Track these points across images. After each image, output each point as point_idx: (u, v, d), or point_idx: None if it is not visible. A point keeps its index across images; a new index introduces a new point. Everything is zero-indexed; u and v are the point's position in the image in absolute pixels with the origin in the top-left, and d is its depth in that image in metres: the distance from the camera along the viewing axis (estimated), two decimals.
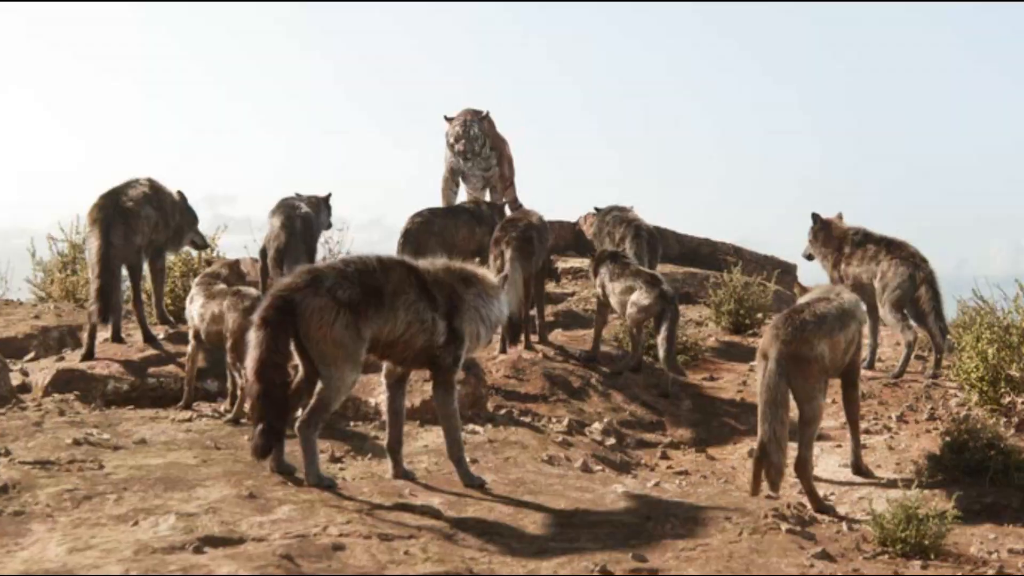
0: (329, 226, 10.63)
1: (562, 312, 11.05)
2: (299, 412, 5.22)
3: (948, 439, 6.77)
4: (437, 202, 12.69)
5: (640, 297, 8.04)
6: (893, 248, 9.22)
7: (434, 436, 6.51)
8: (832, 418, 7.60)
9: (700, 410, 7.92)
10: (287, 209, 9.62)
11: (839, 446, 7.29)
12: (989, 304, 8.45)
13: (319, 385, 5.09)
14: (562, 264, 12.93)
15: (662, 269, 13.06)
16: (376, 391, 6.91)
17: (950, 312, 9.51)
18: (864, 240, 9.46)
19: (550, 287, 12.44)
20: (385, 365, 5.52)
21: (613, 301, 8.38)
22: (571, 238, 14.33)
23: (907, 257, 9.10)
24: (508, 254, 8.38)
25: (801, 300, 6.80)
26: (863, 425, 7.68)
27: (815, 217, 9.72)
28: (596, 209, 11.10)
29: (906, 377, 8.81)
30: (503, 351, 8.29)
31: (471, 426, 6.62)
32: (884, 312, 9.04)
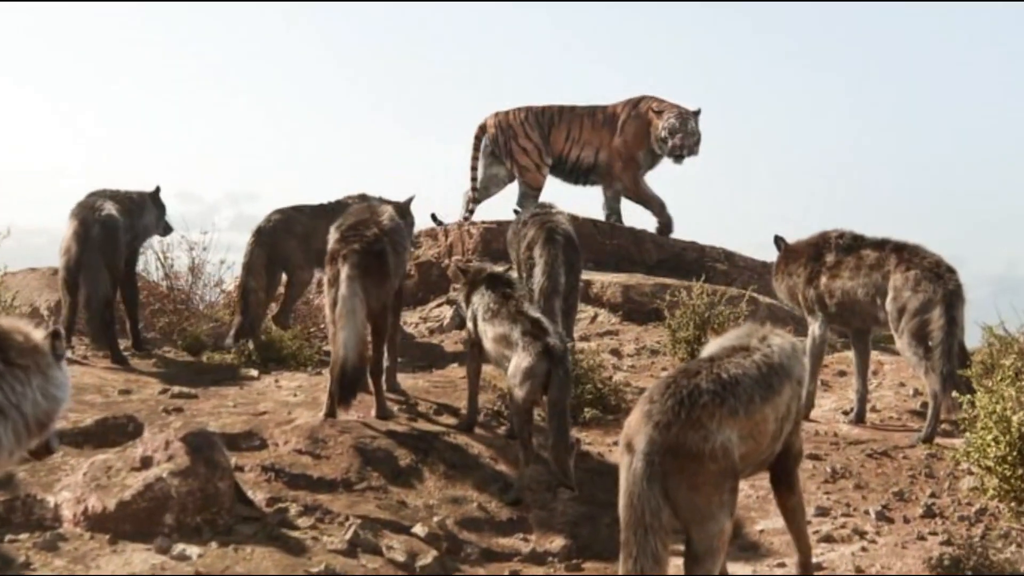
0: (166, 230, 8.36)
1: None
2: None
3: (945, 564, 4.29)
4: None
5: (520, 360, 5.45)
6: (907, 255, 6.57)
7: (119, 564, 4.17)
8: (777, 514, 5.10)
9: (589, 498, 5.46)
10: (84, 211, 7.36)
11: (781, 564, 4.83)
12: (1019, 341, 5.93)
13: None
14: None
15: (629, 280, 10.72)
16: (58, 486, 4.61)
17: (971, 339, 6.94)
18: (855, 244, 6.88)
19: None
20: None
21: (487, 346, 5.86)
22: None
23: (930, 267, 6.46)
24: (345, 272, 5.88)
25: (706, 350, 4.36)
26: (823, 527, 5.21)
27: (778, 241, 7.23)
28: (516, 211, 8.69)
29: (902, 441, 6.30)
30: (330, 415, 5.84)
31: (181, 547, 4.24)
32: (902, 345, 6.42)
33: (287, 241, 8.03)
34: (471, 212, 11.65)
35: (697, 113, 11.30)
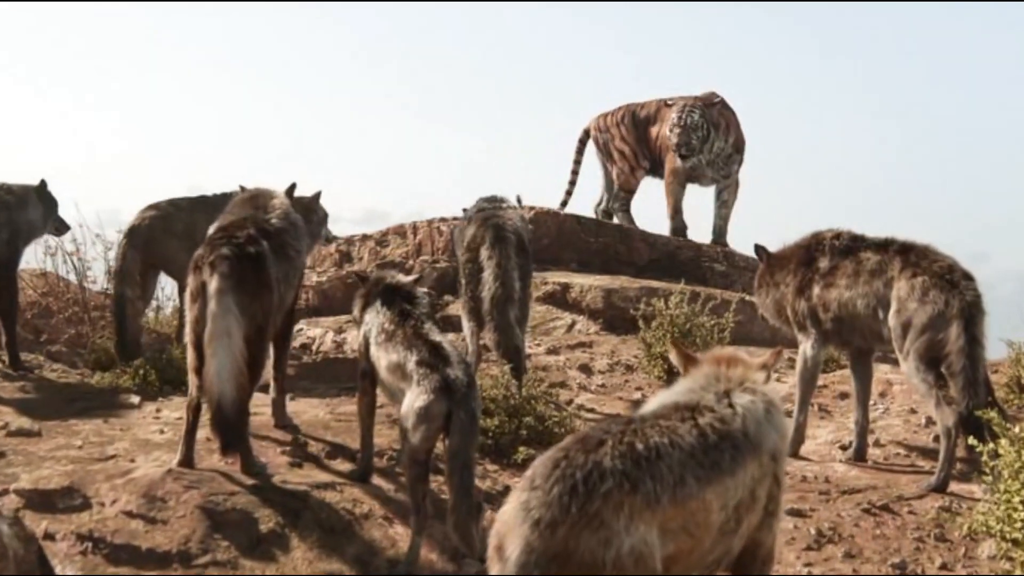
0: (61, 228, 7.28)
1: None
2: None
3: None
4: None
5: (413, 397, 4.25)
6: (914, 258, 5.39)
7: None
8: None
9: None
10: None
11: None
12: None
13: None
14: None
15: (612, 283, 9.59)
16: None
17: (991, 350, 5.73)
18: (854, 245, 5.69)
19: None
20: None
21: (380, 376, 4.68)
22: None
23: (940, 273, 5.27)
24: (214, 285, 4.72)
25: (647, 406, 3.19)
26: None
27: (760, 251, 6.10)
28: (464, 209, 7.57)
29: (909, 487, 5.12)
30: (186, 463, 4.64)
31: None
32: (907, 368, 5.27)
33: (167, 242, 6.95)
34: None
35: (710, 105, 10.25)
